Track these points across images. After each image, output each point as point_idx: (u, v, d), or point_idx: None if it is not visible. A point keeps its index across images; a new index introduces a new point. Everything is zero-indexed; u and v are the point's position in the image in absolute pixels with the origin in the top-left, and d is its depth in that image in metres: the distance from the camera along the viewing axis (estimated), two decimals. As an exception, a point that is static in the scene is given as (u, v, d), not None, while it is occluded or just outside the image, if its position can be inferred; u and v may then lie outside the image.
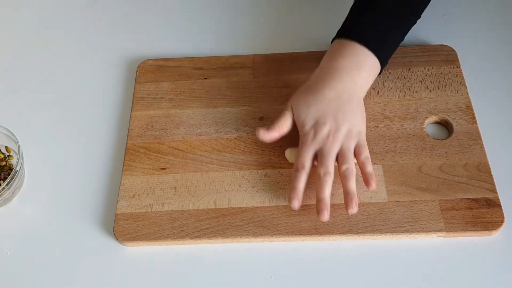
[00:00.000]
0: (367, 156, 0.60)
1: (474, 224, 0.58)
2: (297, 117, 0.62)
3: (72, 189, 0.67)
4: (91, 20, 0.85)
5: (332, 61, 0.63)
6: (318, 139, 0.60)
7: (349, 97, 0.62)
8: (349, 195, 0.58)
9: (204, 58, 0.76)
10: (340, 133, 0.60)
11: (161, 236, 0.60)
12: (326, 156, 0.59)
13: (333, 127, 0.60)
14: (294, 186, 0.59)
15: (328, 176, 0.58)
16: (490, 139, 0.65)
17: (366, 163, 0.60)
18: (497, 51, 0.74)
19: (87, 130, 0.72)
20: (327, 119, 0.60)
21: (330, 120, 0.60)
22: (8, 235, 0.64)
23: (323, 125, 0.60)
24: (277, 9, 0.83)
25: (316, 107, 0.61)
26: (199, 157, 0.66)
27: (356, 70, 0.62)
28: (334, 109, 0.61)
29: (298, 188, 0.59)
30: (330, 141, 0.60)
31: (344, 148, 0.60)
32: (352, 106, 0.61)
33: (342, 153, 0.60)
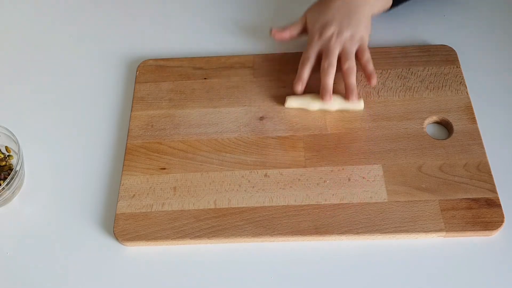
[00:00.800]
0: (368, 57, 0.67)
1: (474, 224, 0.58)
2: (309, 22, 0.71)
3: (72, 189, 0.67)
4: (91, 20, 0.85)
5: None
6: (322, 38, 0.68)
7: (357, 8, 0.69)
8: (350, 88, 0.66)
9: (204, 58, 0.76)
10: (343, 35, 0.67)
11: (161, 236, 0.60)
12: (330, 52, 0.67)
13: (336, 30, 0.68)
14: (299, 74, 0.68)
15: (331, 67, 0.66)
16: (490, 139, 0.65)
17: (368, 64, 0.67)
18: (497, 51, 0.74)
19: (87, 130, 0.72)
20: (333, 23, 0.68)
21: (335, 24, 0.68)
22: (8, 235, 0.64)
23: (328, 28, 0.68)
24: (277, 9, 0.83)
25: (325, 12, 0.70)
26: (199, 157, 0.66)
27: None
28: (340, 16, 0.69)
29: (303, 75, 0.68)
30: (333, 40, 0.67)
31: (346, 49, 0.67)
32: (357, 16, 0.69)
33: (344, 52, 0.67)
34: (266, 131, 0.68)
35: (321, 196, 0.62)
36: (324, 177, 0.63)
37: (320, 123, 0.68)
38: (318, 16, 0.70)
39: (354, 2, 0.69)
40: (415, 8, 0.79)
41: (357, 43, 0.68)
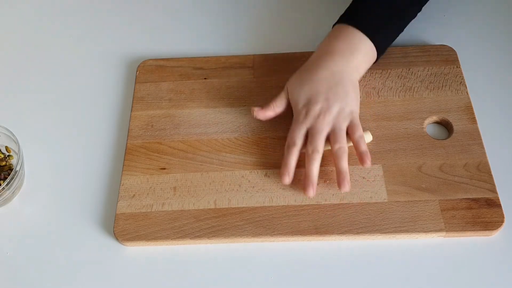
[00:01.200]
0: (360, 135, 0.61)
1: (474, 224, 0.58)
2: (291, 96, 0.65)
3: (72, 189, 0.67)
4: (91, 20, 0.85)
5: (328, 44, 0.66)
6: (309, 117, 0.62)
7: (342, 77, 0.63)
8: (342, 174, 0.60)
9: (204, 58, 0.76)
10: (332, 112, 0.61)
11: (161, 236, 0.60)
12: (316, 134, 0.61)
13: (324, 106, 0.62)
14: (285, 162, 0.61)
15: (316, 153, 0.60)
16: (490, 139, 0.65)
17: (360, 142, 0.61)
18: (497, 51, 0.74)
19: (87, 130, 0.72)
20: (319, 98, 0.62)
21: (321, 99, 0.62)
22: (8, 235, 0.64)
23: (315, 104, 0.62)
24: (277, 9, 0.83)
25: (309, 86, 0.63)
26: (199, 157, 0.66)
27: (350, 53, 0.64)
28: (326, 89, 0.62)
29: (289, 163, 0.61)
30: (321, 119, 0.61)
31: (335, 128, 0.61)
32: (344, 86, 0.63)
33: (333, 132, 0.61)
34: (266, 131, 0.68)
35: (321, 196, 0.62)
36: (324, 177, 0.63)
37: (320, 123, 0.67)
38: (301, 90, 0.63)
39: (338, 71, 0.63)
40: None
41: (347, 119, 0.62)
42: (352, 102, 0.63)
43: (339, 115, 0.62)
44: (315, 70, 0.64)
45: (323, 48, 0.66)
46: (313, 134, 0.61)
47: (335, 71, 0.63)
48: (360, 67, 0.65)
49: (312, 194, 0.60)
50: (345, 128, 0.62)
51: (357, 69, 0.65)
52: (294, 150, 0.61)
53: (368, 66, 0.67)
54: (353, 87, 0.64)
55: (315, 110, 0.62)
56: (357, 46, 0.64)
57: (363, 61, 0.65)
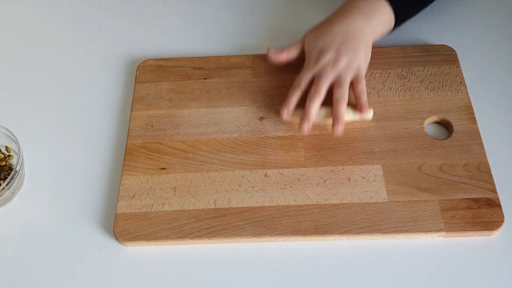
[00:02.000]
0: (363, 88, 0.65)
1: (474, 224, 0.58)
2: (307, 44, 0.68)
3: (72, 189, 0.67)
4: (91, 20, 0.85)
5: (349, 3, 0.69)
6: (318, 65, 0.65)
7: (357, 35, 0.66)
8: (337, 117, 0.63)
9: (204, 58, 0.76)
10: (340, 63, 0.64)
11: (161, 236, 0.60)
12: (321, 80, 0.64)
13: (333, 57, 0.65)
14: (287, 99, 0.65)
15: (317, 94, 0.63)
16: (490, 139, 0.65)
17: (361, 94, 0.64)
18: (497, 51, 0.74)
19: (87, 130, 0.72)
20: (330, 49, 0.65)
21: (332, 50, 0.65)
22: (8, 235, 0.64)
23: (326, 54, 0.65)
24: (277, 9, 0.83)
25: (324, 37, 0.67)
26: (199, 157, 0.66)
27: (370, 13, 0.67)
28: (339, 42, 0.66)
29: (291, 100, 0.65)
30: (329, 68, 0.64)
31: (340, 77, 0.64)
32: (357, 43, 0.66)
33: (337, 80, 0.64)
34: (266, 131, 0.68)
35: (321, 196, 0.62)
36: (324, 177, 0.63)
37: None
38: (316, 40, 0.67)
39: (354, 28, 0.66)
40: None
41: (353, 72, 0.65)
42: (361, 58, 0.66)
43: (346, 67, 0.65)
44: (333, 23, 0.67)
45: (345, 5, 0.69)
46: (318, 79, 0.64)
47: (352, 27, 0.66)
48: (377, 30, 0.68)
49: (307, 129, 0.63)
50: (349, 80, 0.65)
51: (373, 31, 0.67)
52: (297, 90, 0.65)
53: (384, 32, 0.69)
54: (365, 46, 0.67)
55: (325, 59, 0.65)
56: (378, 9, 0.67)
57: (380, 25, 0.68)
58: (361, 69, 0.65)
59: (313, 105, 0.63)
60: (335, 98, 0.63)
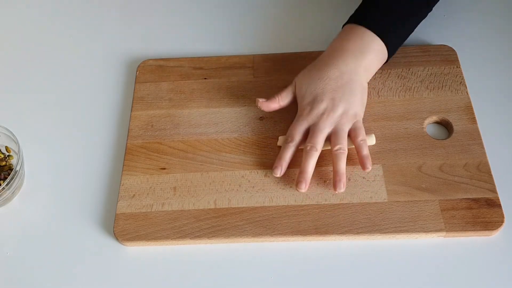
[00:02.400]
0: (363, 139, 0.62)
1: (474, 224, 0.58)
2: (298, 91, 0.65)
3: (72, 189, 0.67)
4: (91, 20, 0.85)
5: (339, 43, 0.65)
6: (312, 115, 0.62)
7: (351, 78, 0.63)
8: (338, 175, 0.60)
9: (204, 58, 0.76)
10: (336, 112, 0.62)
11: (161, 236, 0.60)
12: (317, 132, 0.61)
13: (329, 106, 0.62)
14: (280, 156, 0.62)
15: (313, 150, 0.60)
16: (490, 139, 0.65)
17: (362, 146, 0.61)
18: (497, 51, 0.74)
19: (87, 130, 0.72)
20: (325, 97, 0.62)
21: (327, 98, 0.62)
22: (8, 235, 0.64)
23: (320, 102, 0.62)
24: (277, 9, 0.83)
25: (316, 84, 0.63)
26: (199, 157, 0.66)
27: (360, 53, 0.64)
28: (333, 88, 0.62)
29: (284, 157, 0.62)
30: (324, 118, 0.61)
31: (337, 129, 0.61)
32: (352, 88, 0.63)
33: (335, 132, 0.61)
34: (266, 131, 0.68)
35: (321, 196, 0.62)
36: (324, 177, 0.63)
37: (320, 123, 0.67)
38: (308, 87, 0.63)
39: (347, 71, 0.63)
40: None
41: (350, 121, 0.62)
42: (358, 104, 0.63)
43: (343, 117, 0.62)
44: (324, 68, 0.64)
45: (333, 47, 0.66)
46: (314, 131, 0.61)
47: (345, 70, 0.63)
48: (371, 67, 0.65)
49: (304, 189, 0.60)
50: (347, 130, 0.62)
51: (367, 70, 0.65)
52: (291, 145, 0.62)
53: (379, 66, 0.67)
54: (361, 89, 0.64)
55: (320, 108, 0.62)
56: (368, 46, 0.64)
57: (374, 61, 0.65)
58: (358, 117, 0.63)
59: (309, 163, 0.60)
60: (334, 153, 0.60)
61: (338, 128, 0.61)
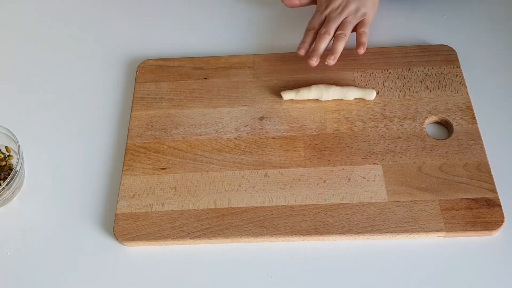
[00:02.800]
0: (364, 30, 0.70)
1: (474, 224, 0.58)
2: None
3: (72, 189, 0.67)
4: (91, 20, 0.85)
5: None
6: (328, 8, 0.71)
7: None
8: (332, 50, 0.68)
9: (204, 58, 0.76)
10: (348, 8, 0.70)
11: (161, 236, 0.60)
12: (330, 21, 0.70)
13: (343, 2, 0.71)
14: (303, 40, 0.71)
15: (326, 34, 0.69)
16: (490, 139, 0.65)
17: (362, 35, 0.70)
18: (497, 51, 0.74)
19: (87, 130, 0.72)
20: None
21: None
22: (8, 235, 0.64)
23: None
24: (277, 9, 0.83)
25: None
26: (199, 157, 0.66)
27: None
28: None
29: (307, 41, 0.70)
30: (338, 12, 0.71)
31: (345, 20, 0.70)
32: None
33: (342, 23, 0.70)
34: (266, 131, 0.68)
35: (321, 196, 0.62)
36: (324, 177, 0.63)
37: (320, 123, 0.68)
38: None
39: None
40: (415, 8, 0.79)
41: (359, 18, 0.71)
42: (369, 6, 0.71)
43: (354, 12, 0.70)
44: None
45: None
46: (328, 20, 0.70)
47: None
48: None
49: (315, 63, 0.68)
50: (354, 23, 0.70)
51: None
52: (311, 32, 0.71)
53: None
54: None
55: (335, 3, 0.71)
56: None
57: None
58: (367, 16, 0.71)
59: (322, 44, 0.68)
60: (335, 35, 0.69)
61: (345, 20, 0.70)
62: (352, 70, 0.72)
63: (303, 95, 0.69)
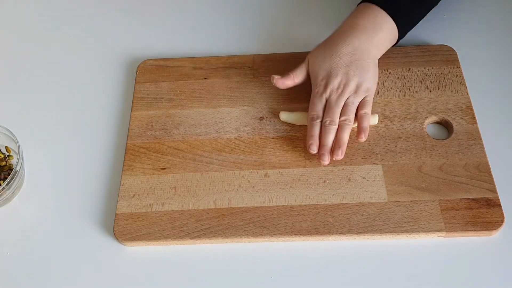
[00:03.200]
0: (366, 112, 0.64)
1: (474, 224, 0.58)
2: (312, 68, 0.67)
3: (72, 189, 0.67)
4: (91, 20, 0.85)
5: (352, 20, 0.67)
6: (328, 90, 0.64)
7: (363, 54, 0.65)
8: (339, 142, 0.62)
9: (204, 58, 0.76)
10: (349, 87, 0.64)
11: (161, 236, 0.60)
12: (333, 107, 0.64)
13: (343, 80, 0.64)
14: (311, 134, 0.63)
15: (332, 124, 0.63)
16: (490, 139, 0.65)
17: (364, 118, 0.64)
18: (497, 51, 0.74)
19: (87, 130, 0.72)
20: (339, 72, 0.64)
21: (341, 73, 0.64)
22: (8, 235, 0.64)
23: (335, 78, 0.64)
24: (277, 9, 0.83)
25: (330, 60, 0.65)
26: (199, 157, 0.66)
27: (373, 30, 0.66)
28: (347, 64, 0.64)
29: (315, 134, 0.63)
30: (339, 93, 0.64)
31: (348, 102, 0.64)
32: (365, 63, 0.65)
33: (345, 105, 0.64)
34: (266, 131, 0.68)
35: (321, 196, 0.62)
36: (324, 177, 0.63)
37: (320, 123, 0.67)
38: (322, 63, 0.65)
39: (360, 47, 0.65)
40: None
41: (361, 96, 0.64)
42: (370, 79, 0.65)
43: (355, 91, 0.64)
44: (337, 44, 0.65)
45: (347, 24, 0.67)
46: (330, 106, 0.64)
47: (357, 47, 0.65)
48: (381, 45, 0.67)
49: (327, 162, 0.62)
50: (357, 104, 0.64)
51: (378, 47, 0.67)
52: (317, 122, 0.64)
53: (388, 47, 0.68)
54: (373, 65, 0.66)
55: (334, 83, 0.64)
56: (381, 25, 0.66)
57: (385, 39, 0.67)
58: (370, 91, 0.65)
59: (330, 137, 0.63)
60: (339, 124, 0.63)
61: (348, 101, 0.64)
62: (352, 70, 0.72)
63: (300, 120, 0.67)
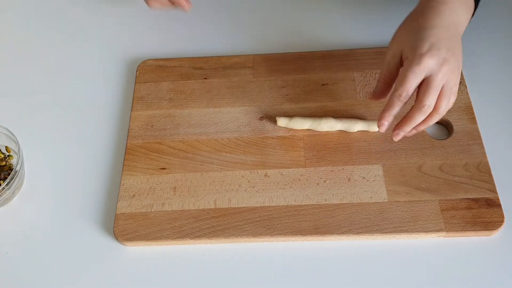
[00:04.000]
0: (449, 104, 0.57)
1: (474, 224, 0.58)
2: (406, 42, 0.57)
3: (72, 189, 0.67)
4: (91, 21, 0.85)
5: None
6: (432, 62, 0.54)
7: (457, 30, 0.58)
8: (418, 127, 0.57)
9: (204, 58, 0.76)
10: (452, 64, 0.55)
11: (161, 236, 0.60)
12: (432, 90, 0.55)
13: (448, 55, 0.55)
14: (389, 110, 0.57)
15: (429, 110, 0.55)
16: (490, 139, 0.65)
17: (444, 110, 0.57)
18: (497, 51, 0.74)
19: (87, 130, 0.72)
20: (442, 44, 0.55)
21: (445, 46, 0.55)
22: (8, 235, 0.64)
23: (439, 50, 0.55)
24: (277, 9, 0.83)
25: (430, 31, 0.56)
26: (199, 157, 0.66)
27: (458, 3, 0.59)
28: (447, 37, 0.56)
29: (392, 113, 0.57)
30: (444, 71, 0.54)
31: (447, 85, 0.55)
32: (458, 40, 0.58)
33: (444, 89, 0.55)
34: (266, 131, 0.68)
35: (321, 196, 0.62)
36: (324, 177, 0.63)
37: (320, 123, 0.67)
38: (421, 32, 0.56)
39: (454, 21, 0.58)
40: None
41: (458, 79, 0.56)
42: (461, 60, 0.58)
43: (454, 71, 0.56)
44: (431, 17, 0.57)
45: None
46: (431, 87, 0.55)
47: (451, 22, 0.57)
48: (466, 20, 0.60)
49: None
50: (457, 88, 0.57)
51: (464, 23, 0.60)
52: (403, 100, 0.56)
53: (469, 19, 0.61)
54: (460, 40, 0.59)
55: (441, 55, 0.54)
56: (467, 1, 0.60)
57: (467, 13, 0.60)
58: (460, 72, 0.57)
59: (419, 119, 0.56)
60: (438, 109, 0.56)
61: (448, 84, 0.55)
62: (353, 70, 0.72)
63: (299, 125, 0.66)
